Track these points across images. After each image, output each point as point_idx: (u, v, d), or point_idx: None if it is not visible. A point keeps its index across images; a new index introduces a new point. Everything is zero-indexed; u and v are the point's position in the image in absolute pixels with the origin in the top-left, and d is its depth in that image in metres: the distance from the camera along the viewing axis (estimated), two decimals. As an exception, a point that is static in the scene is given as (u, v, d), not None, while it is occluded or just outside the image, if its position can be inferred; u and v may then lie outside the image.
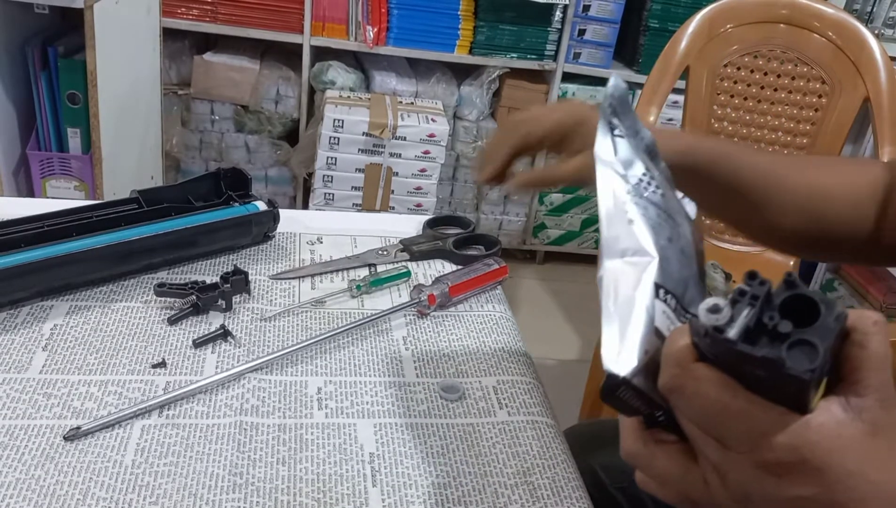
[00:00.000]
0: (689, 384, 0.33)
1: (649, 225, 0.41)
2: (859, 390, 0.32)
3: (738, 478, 0.33)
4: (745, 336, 0.31)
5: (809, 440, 0.31)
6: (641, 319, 0.36)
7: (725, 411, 0.32)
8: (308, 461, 0.52)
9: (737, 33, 1.56)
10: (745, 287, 0.32)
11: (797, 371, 0.29)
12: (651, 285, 0.37)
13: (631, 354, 0.35)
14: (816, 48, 1.55)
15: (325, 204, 2.27)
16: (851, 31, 1.52)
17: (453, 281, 0.71)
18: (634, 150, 0.47)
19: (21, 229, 0.67)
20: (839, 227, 0.70)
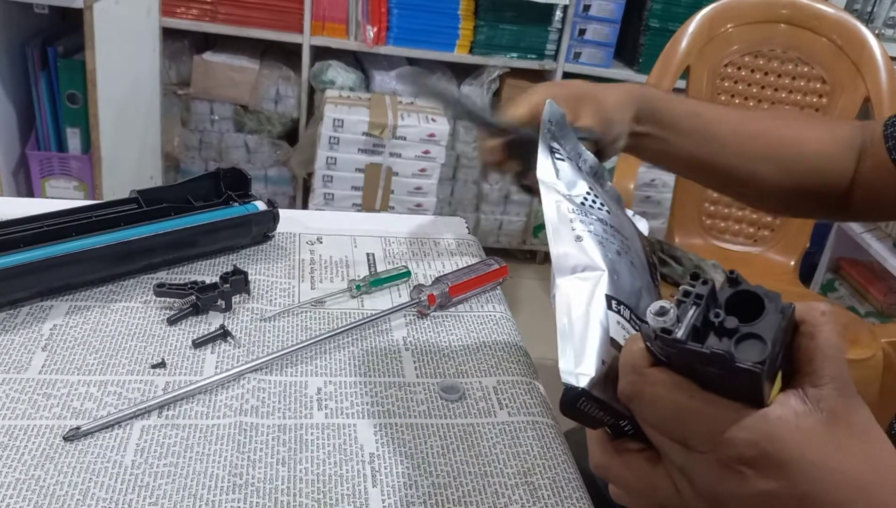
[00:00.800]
0: (647, 390, 0.33)
1: (596, 240, 0.42)
2: (815, 380, 0.32)
3: (704, 480, 0.33)
4: (694, 335, 0.31)
5: (769, 434, 0.31)
6: (597, 331, 0.37)
7: (684, 412, 0.32)
8: (308, 461, 0.52)
9: (737, 33, 1.57)
10: (688, 288, 0.32)
11: (747, 364, 0.30)
12: (603, 298, 0.38)
13: (588, 366, 0.35)
14: (817, 48, 1.55)
15: (324, 204, 2.27)
16: (852, 31, 1.52)
17: (453, 281, 0.71)
18: (576, 171, 0.48)
19: (20, 229, 0.67)
20: (814, 181, 0.72)
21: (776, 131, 0.72)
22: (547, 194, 0.44)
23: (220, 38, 2.32)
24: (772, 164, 0.71)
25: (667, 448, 0.34)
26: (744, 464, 0.31)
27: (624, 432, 0.37)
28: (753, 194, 0.76)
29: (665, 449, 0.34)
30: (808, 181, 0.72)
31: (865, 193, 0.72)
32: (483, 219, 2.60)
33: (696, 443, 0.33)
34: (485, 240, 2.55)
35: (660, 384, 0.33)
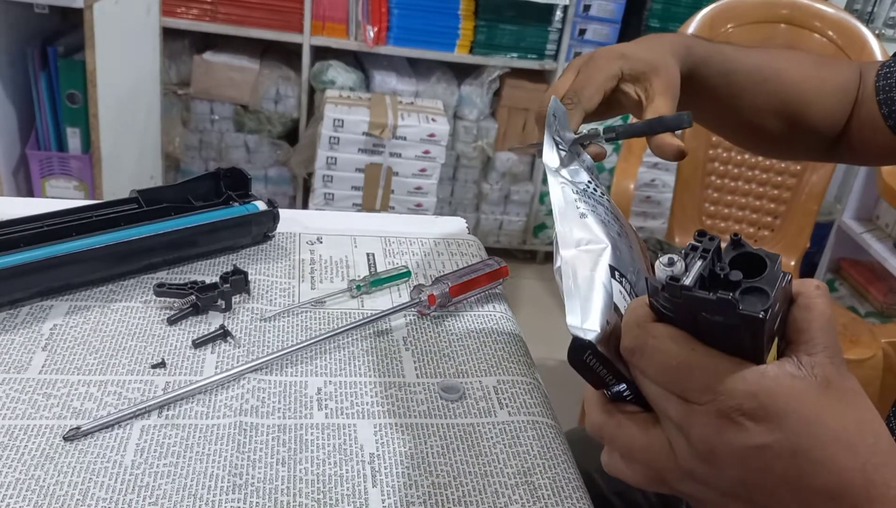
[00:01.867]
0: (649, 342, 0.34)
1: (599, 220, 0.44)
2: (809, 348, 0.33)
3: (701, 432, 0.34)
4: (700, 285, 0.33)
5: (767, 388, 0.32)
6: (601, 293, 0.38)
7: (685, 364, 0.33)
8: (308, 461, 0.52)
9: (737, 33, 1.57)
10: (695, 243, 0.34)
11: (750, 311, 0.31)
12: (607, 267, 0.39)
13: (594, 322, 0.36)
14: (817, 48, 1.55)
15: (325, 204, 2.27)
16: (852, 30, 1.53)
17: (453, 281, 0.71)
18: (578, 162, 0.51)
19: (21, 229, 0.67)
20: (811, 128, 0.73)
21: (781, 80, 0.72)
22: (553, 178, 0.46)
23: (220, 38, 2.32)
24: (776, 114, 0.71)
25: (665, 402, 0.35)
26: (742, 415, 0.32)
27: (623, 398, 0.38)
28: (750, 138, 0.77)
29: (663, 405, 0.35)
30: (810, 127, 0.72)
31: (853, 139, 0.72)
32: (483, 219, 2.60)
33: (695, 395, 0.33)
34: (485, 240, 2.55)
35: (662, 336, 0.34)
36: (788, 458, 0.32)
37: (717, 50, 0.69)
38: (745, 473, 0.33)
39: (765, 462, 0.33)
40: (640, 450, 0.37)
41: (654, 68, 0.60)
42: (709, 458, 0.34)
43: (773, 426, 0.32)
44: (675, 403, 0.34)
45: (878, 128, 0.68)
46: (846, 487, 0.32)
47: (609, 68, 0.59)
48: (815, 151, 0.76)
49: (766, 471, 0.33)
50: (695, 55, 0.65)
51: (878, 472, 0.32)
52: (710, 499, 0.36)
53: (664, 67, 0.61)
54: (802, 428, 0.32)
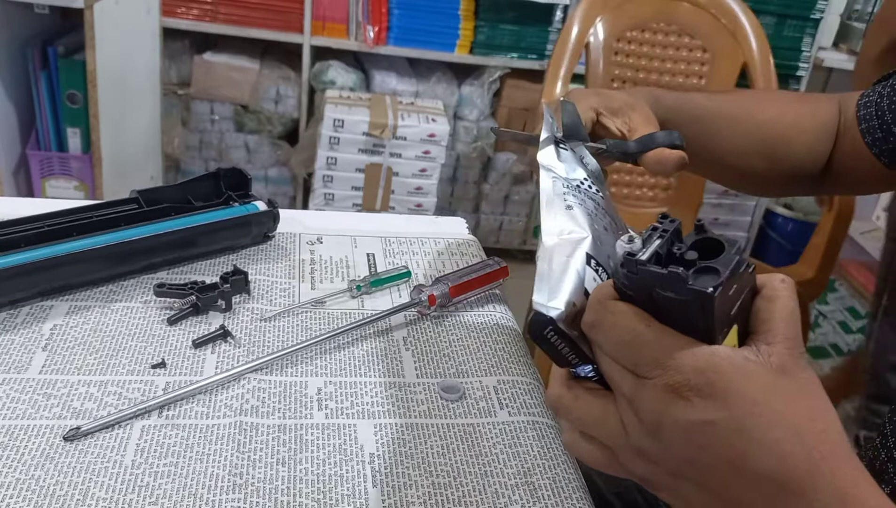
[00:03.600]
0: (607, 317, 0.35)
1: (586, 213, 0.45)
2: (769, 338, 0.34)
3: (649, 407, 0.34)
4: (657, 263, 0.34)
5: (715, 365, 0.33)
6: (573, 278, 0.39)
7: (638, 339, 0.34)
8: (308, 461, 0.52)
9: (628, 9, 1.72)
10: (656, 224, 0.36)
11: (700, 287, 0.32)
12: (584, 255, 0.40)
13: (559, 301, 0.38)
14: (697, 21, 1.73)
15: (325, 204, 2.27)
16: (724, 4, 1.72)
17: (453, 281, 0.71)
18: (577, 162, 0.52)
19: (21, 229, 0.67)
20: (795, 165, 0.73)
21: (758, 121, 0.73)
22: (545, 174, 0.47)
23: (221, 38, 2.32)
24: (758, 155, 0.72)
25: (618, 377, 0.36)
26: (689, 390, 0.33)
27: (589, 379, 0.39)
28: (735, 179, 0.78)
29: (617, 379, 0.36)
30: (792, 167, 0.73)
31: (838, 171, 0.73)
32: (483, 219, 2.60)
33: (645, 370, 0.34)
34: (485, 240, 2.55)
35: (619, 312, 0.35)
36: (733, 436, 0.32)
37: (686, 98, 0.70)
38: (691, 450, 0.34)
39: (709, 439, 0.33)
40: (594, 425, 0.38)
41: (630, 105, 0.61)
42: (656, 433, 0.34)
43: (719, 404, 0.32)
44: (628, 378, 0.35)
45: (863, 157, 0.68)
46: (790, 472, 0.32)
47: (585, 101, 0.60)
48: (801, 186, 0.77)
49: (710, 449, 0.33)
50: (663, 104, 0.66)
51: (824, 461, 0.32)
52: (661, 481, 0.37)
53: (640, 105, 0.62)
54: (749, 408, 0.32)
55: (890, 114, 0.66)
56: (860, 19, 2.42)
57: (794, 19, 2.40)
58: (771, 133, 0.72)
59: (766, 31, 2.34)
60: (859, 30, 2.38)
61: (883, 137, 0.66)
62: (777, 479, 0.32)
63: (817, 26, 2.41)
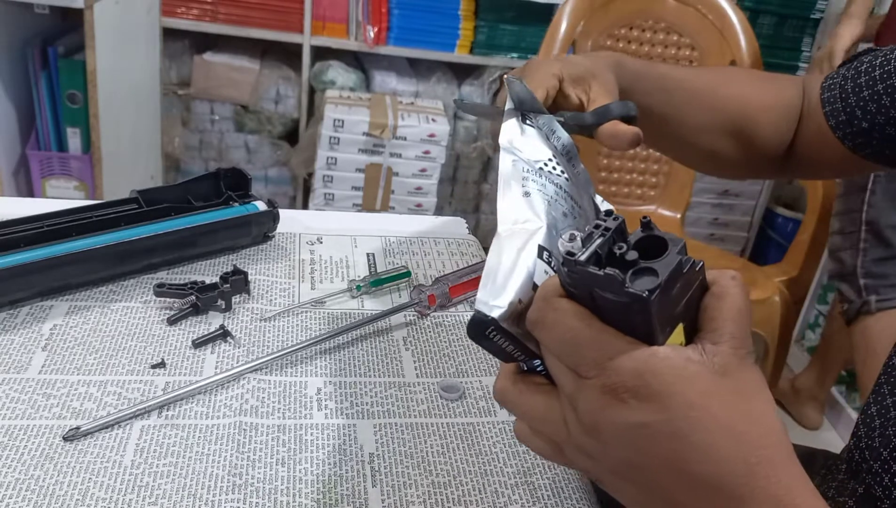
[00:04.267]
0: (549, 315, 0.34)
1: (544, 199, 0.43)
2: (715, 337, 0.33)
3: (587, 407, 0.34)
4: (598, 263, 0.33)
5: (653, 367, 0.32)
6: (522, 274, 0.38)
7: (578, 338, 0.34)
8: (308, 461, 0.52)
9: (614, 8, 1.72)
10: (600, 221, 0.35)
11: (636, 290, 0.31)
12: (536, 247, 0.39)
13: (504, 299, 0.37)
14: (685, 18, 1.73)
15: (325, 204, 2.27)
16: (711, 2, 1.72)
17: (453, 281, 0.71)
18: (544, 140, 0.50)
19: (21, 229, 0.67)
20: (759, 144, 0.72)
21: (723, 98, 0.71)
22: (504, 156, 0.46)
23: (221, 38, 2.32)
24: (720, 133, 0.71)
25: (560, 375, 0.35)
26: (626, 392, 0.32)
27: (537, 372, 0.39)
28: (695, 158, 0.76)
29: (559, 377, 0.36)
30: (757, 147, 0.72)
31: (802, 154, 0.72)
32: (483, 219, 2.60)
33: (585, 369, 0.34)
34: (485, 240, 2.55)
35: (562, 310, 0.34)
36: (669, 440, 0.32)
37: (651, 66, 0.69)
38: (628, 452, 0.34)
39: (646, 441, 0.33)
40: (538, 420, 0.38)
41: (592, 73, 0.60)
42: (594, 433, 0.34)
43: (654, 406, 0.32)
44: (569, 376, 0.35)
45: (828, 141, 0.68)
46: (726, 476, 0.32)
47: (548, 68, 0.59)
48: (766, 169, 0.76)
49: (647, 451, 0.33)
50: (628, 71, 0.65)
51: (760, 466, 0.32)
52: (603, 478, 0.37)
53: (601, 72, 0.60)
54: (685, 411, 0.32)
55: (853, 97, 0.65)
56: (860, 19, 2.42)
57: (794, 19, 2.40)
58: (735, 110, 0.71)
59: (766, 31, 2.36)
60: (859, 30, 2.38)
61: (846, 119, 0.66)
62: (713, 483, 0.32)
63: (817, 26, 2.41)
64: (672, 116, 0.69)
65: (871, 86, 0.63)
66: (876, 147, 0.65)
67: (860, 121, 0.64)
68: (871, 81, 0.64)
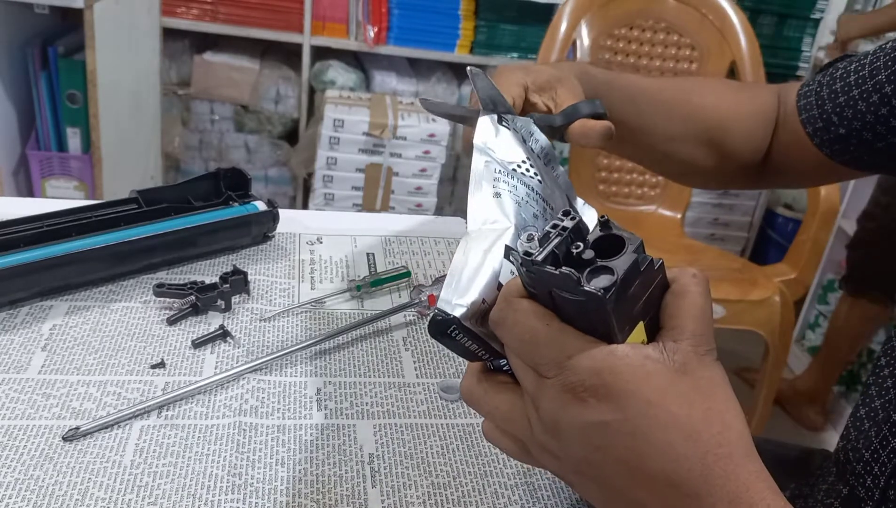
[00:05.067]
0: (510, 315, 0.35)
1: (514, 200, 0.43)
2: (675, 335, 0.34)
3: (547, 406, 0.34)
4: (554, 262, 0.33)
5: (612, 366, 0.32)
6: (487, 273, 0.38)
7: (538, 337, 0.34)
8: (307, 462, 0.52)
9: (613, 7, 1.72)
10: (557, 221, 0.35)
11: (591, 289, 0.31)
12: (503, 247, 0.39)
13: (467, 298, 0.37)
14: (684, 18, 1.73)
15: (325, 204, 2.27)
16: (712, 2, 1.72)
17: (453, 281, 0.71)
18: (520, 143, 0.49)
19: (21, 229, 0.67)
20: (732, 153, 0.72)
21: (694, 107, 0.71)
22: (477, 156, 0.46)
23: (220, 38, 2.32)
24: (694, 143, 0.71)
25: (522, 374, 0.36)
26: (585, 391, 0.33)
27: (504, 371, 0.39)
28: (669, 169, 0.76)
29: (521, 376, 0.36)
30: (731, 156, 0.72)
31: (779, 163, 0.72)
32: (483, 219, 2.59)
33: (545, 369, 0.34)
34: (485, 240, 2.54)
35: (522, 310, 0.34)
36: (627, 438, 0.32)
37: (619, 76, 0.68)
38: (588, 450, 0.34)
39: (605, 440, 0.33)
40: (502, 419, 0.38)
41: (557, 79, 0.60)
42: (554, 432, 0.35)
43: (613, 406, 0.32)
44: (530, 375, 0.35)
45: (804, 147, 0.67)
46: (684, 474, 0.32)
47: (513, 77, 0.59)
48: (741, 178, 0.75)
49: (606, 450, 0.33)
50: (594, 81, 0.64)
51: (718, 464, 0.32)
52: (566, 477, 0.37)
53: (567, 78, 0.60)
54: (643, 410, 0.32)
55: (829, 103, 0.65)
56: (860, 19, 2.42)
57: (794, 19, 2.40)
58: (706, 119, 0.71)
59: (766, 31, 2.36)
60: (859, 30, 2.38)
61: (823, 126, 0.65)
62: (671, 480, 0.32)
63: (817, 26, 2.41)
64: (641, 125, 0.69)
65: (846, 91, 0.63)
66: (854, 153, 0.64)
67: (837, 127, 0.64)
68: (846, 86, 0.63)
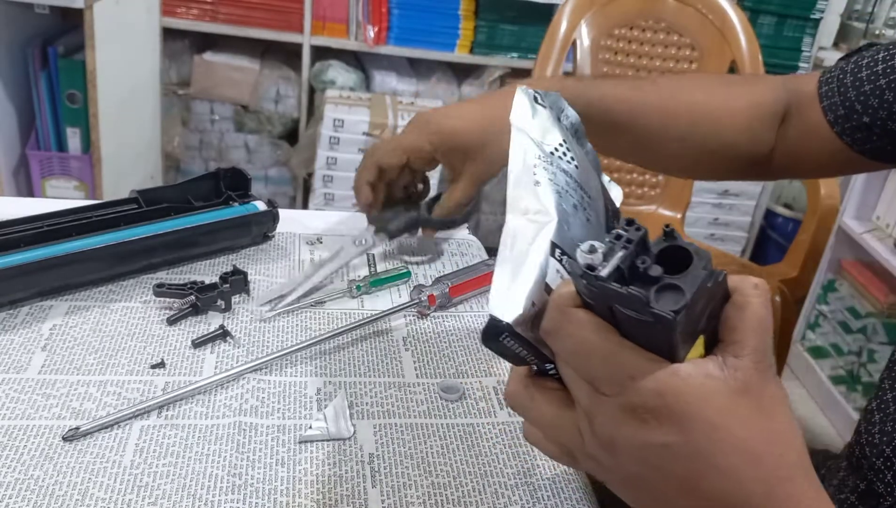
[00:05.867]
0: (566, 327, 0.33)
1: (555, 190, 0.42)
2: (736, 350, 0.32)
3: (604, 422, 0.34)
4: (619, 277, 0.32)
5: (675, 388, 0.31)
6: (533, 273, 0.37)
7: (597, 352, 0.33)
8: (307, 461, 0.52)
9: (613, 8, 1.72)
10: (621, 232, 0.33)
11: (662, 310, 0.30)
12: (548, 243, 0.38)
13: (517, 303, 0.35)
14: (684, 18, 1.72)
15: (325, 204, 2.27)
16: (712, 2, 1.71)
17: (453, 281, 0.71)
18: (555, 122, 0.48)
19: (21, 229, 0.67)
20: (726, 146, 0.71)
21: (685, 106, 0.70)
22: (517, 137, 0.44)
23: (221, 38, 2.32)
24: (687, 141, 0.70)
25: (576, 387, 0.35)
26: (647, 412, 0.32)
27: (549, 375, 0.38)
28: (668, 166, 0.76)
29: (574, 389, 0.35)
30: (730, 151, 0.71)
31: (792, 152, 0.71)
32: (483, 219, 2.60)
33: (604, 385, 0.33)
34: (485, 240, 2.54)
35: (578, 322, 0.33)
36: (688, 460, 0.32)
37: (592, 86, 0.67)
38: (644, 469, 0.33)
39: (664, 460, 0.32)
40: (549, 427, 0.37)
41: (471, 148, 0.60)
42: (609, 448, 0.34)
43: (675, 428, 0.32)
44: (586, 390, 0.34)
45: (823, 136, 0.67)
46: (744, 497, 0.32)
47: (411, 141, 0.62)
48: (741, 170, 0.74)
49: (664, 469, 0.33)
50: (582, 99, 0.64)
51: (781, 486, 0.32)
52: (613, 484, 0.36)
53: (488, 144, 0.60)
54: (706, 433, 0.31)
55: (853, 91, 0.64)
56: (860, 19, 2.42)
57: (794, 19, 2.40)
58: (695, 115, 0.70)
59: (766, 31, 2.36)
60: (859, 30, 2.38)
61: (845, 114, 0.65)
62: (730, 502, 0.32)
63: (817, 26, 2.41)
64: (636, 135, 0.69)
65: (872, 80, 0.62)
66: (876, 143, 0.64)
67: (860, 115, 0.64)
68: (872, 75, 0.63)
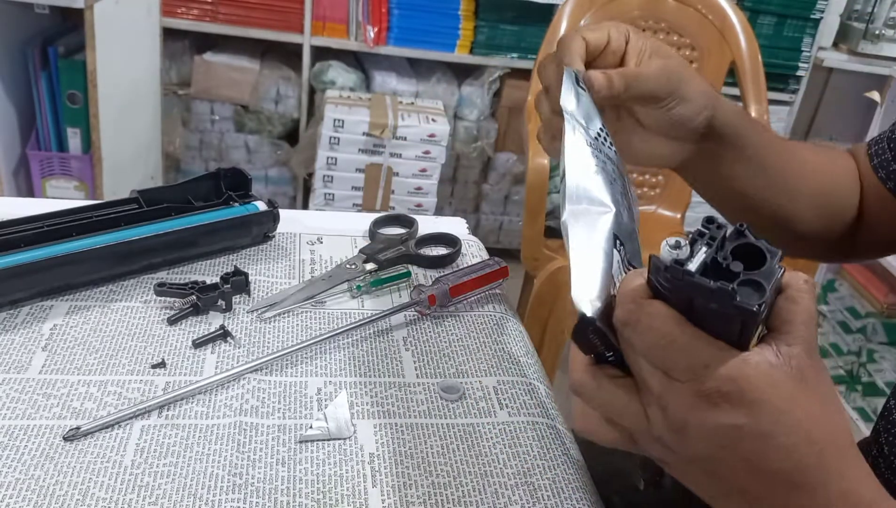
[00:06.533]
0: (643, 319, 0.36)
1: (606, 180, 0.43)
2: (789, 339, 0.35)
3: (678, 407, 0.36)
4: (702, 272, 0.34)
5: (747, 375, 0.34)
6: (602, 263, 0.39)
7: (674, 343, 0.35)
8: (307, 461, 0.52)
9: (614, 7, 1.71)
10: (703, 229, 0.35)
11: (746, 304, 0.32)
12: (611, 234, 0.40)
13: (598, 297, 0.37)
14: (684, 18, 1.72)
15: (325, 204, 2.27)
16: (712, 2, 1.71)
17: (454, 282, 0.71)
18: (593, 106, 0.49)
19: (21, 229, 0.67)
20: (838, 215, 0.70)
21: (810, 156, 0.68)
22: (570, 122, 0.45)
23: (221, 38, 2.32)
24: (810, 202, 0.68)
25: (649, 376, 0.37)
26: (720, 397, 0.34)
27: (606, 360, 0.40)
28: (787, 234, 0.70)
29: (646, 376, 0.37)
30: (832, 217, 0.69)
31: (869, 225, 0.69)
32: (483, 219, 2.60)
33: (678, 373, 0.35)
34: (485, 240, 2.54)
35: (655, 314, 0.35)
36: (755, 440, 0.35)
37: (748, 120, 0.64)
38: (712, 449, 0.36)
39: (732, 441, 0.35)
40: (617, 414, 0.39)
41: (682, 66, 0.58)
42: (680, 431, 0.36)
43: (746, 410, 0.34)
44: (659, 377, 0.36)
45: (886, 203, 0.65)
46: (801, 471, 0.35)
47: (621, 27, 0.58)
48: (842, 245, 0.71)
49: (731, 449, 0.35)
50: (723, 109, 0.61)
51: (832, 460, 0.35)
52: (675, 465, 0.39)
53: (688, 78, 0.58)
54: (771, 416, 0.34)
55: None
56: (860, 19, 2.42)
57: (794, 19, 2.40)
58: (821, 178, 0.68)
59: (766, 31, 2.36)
60: (859, 30, 2.38)
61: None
62: (790, 478, 0.35)
63: (817, 26, 2.41)
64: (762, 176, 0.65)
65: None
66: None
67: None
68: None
